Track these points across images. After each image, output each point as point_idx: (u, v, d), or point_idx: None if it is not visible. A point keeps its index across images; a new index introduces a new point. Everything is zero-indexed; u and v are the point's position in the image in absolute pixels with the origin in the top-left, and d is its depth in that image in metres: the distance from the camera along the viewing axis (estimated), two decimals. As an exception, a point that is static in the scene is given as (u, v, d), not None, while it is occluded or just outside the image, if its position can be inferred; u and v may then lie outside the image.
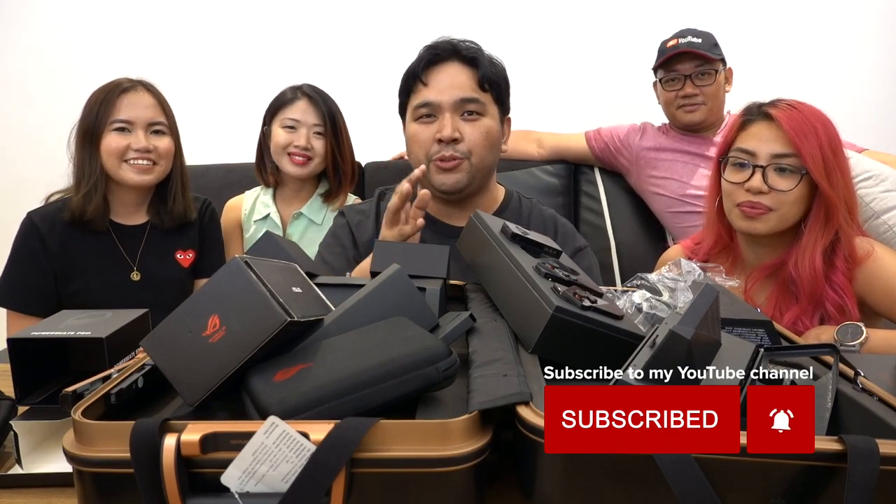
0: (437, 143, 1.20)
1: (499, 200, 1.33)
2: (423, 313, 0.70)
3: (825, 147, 1.14)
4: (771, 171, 1.16)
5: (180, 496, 0.48)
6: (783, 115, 1.15)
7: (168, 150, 1.47)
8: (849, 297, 1.13)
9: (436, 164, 1.21)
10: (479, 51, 1.22)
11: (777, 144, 1.16)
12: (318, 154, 1.73)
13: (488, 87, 1.21)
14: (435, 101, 1.20)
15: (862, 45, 2.33)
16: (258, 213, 1.80)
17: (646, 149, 2.02)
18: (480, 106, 1.21)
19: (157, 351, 0.59)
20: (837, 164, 1.15)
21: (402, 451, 0.49)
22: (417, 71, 1.23)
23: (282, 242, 0.90)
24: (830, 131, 1.16)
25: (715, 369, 0.57)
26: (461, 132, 1.20)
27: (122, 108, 1.42)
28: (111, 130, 1.41)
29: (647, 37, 2.09)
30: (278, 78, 1.84)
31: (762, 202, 1.17)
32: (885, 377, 0.76)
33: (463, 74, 1.21)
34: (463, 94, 1.19)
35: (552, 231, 1.30)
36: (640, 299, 0.87)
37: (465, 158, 1.21)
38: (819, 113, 1.18)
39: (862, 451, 0.46)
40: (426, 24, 2.35)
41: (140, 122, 1.43)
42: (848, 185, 1.17)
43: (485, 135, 1.21)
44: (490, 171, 1.28)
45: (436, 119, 1.21)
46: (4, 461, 0.72)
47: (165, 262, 1.52)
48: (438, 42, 1.23)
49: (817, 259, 1.15)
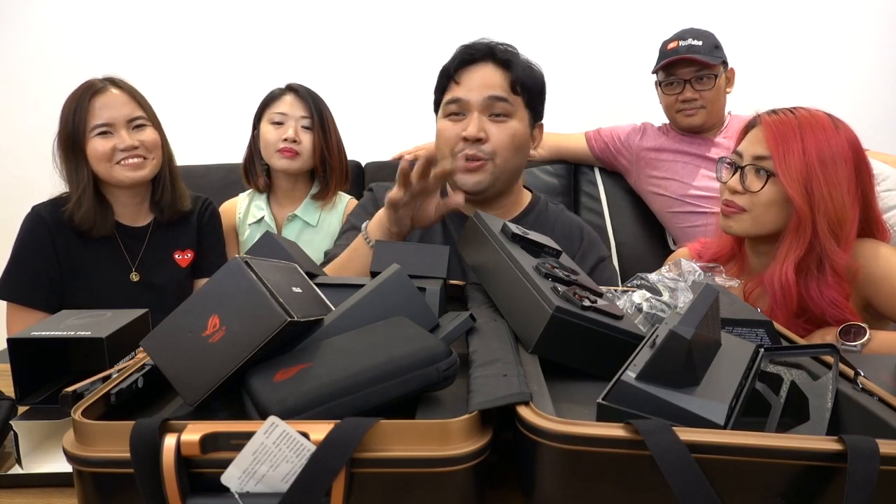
0: (462, 141, 1.20)
1: (523, 205, 1.32)
2: (423, 313, 0.70)
3: (810, 155, 1.11)
4: (749, 172, 1.17)
5: (180, 496, 0.48)
6: (773, 121, 1.15)
7: (155, 142, 1.46)
8: (847, 311, 1.10)
9: (460, 163, 1.21)
10: (515, 54, 1.22)
11: (759, 147, 1.16)
12: (306, 148, 1.73)
13: (520, 91, 1.21)
14: (464, 98, 1.20)
15: (862, 46, 2.33)
16: (252, 216, 1.80)
17: (646, 149, 2.02)
18: (509, 107, 1.20)
19: (157, 351, 0.59)
20: (824, 175, 1.10)
21: (402, 451, 0.49)
22: (451, 69, 1.23)
23: (282, 242, 0.90)
24: (826, 142, 1.12)
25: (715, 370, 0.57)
26: (487, 132, 1.19)
27: (97, 111, 1.40)
28: (94, 136, 1.40)
29: (648, 37, 2.10)
30: (278, 78, 1.85)
31: (736, 201, 1.18)
32: (886, 377, 0.76)
33: (496, 75, 1.20)
34: (492, 93, 1.19)
35: (577, 239, 1.29)
36: (640, 299, 0.87)
37: (489, 160, 1.20)
38: (823, 122, 1.14)
39: (862, 451, 0.46)
40: (426, 24, 2.36)
41: (119, 121, 1.41)
42: (836, 199, 1.11)
43: (511, 137, 1.20)
44: (514, 175, 1.27)
45: (464, 117, 1.21)
46: (4, 461, 0.72)
47: (164, 263, 1.52)
48: (475, 42, 1.23)
49: (788, 271, 1.11)
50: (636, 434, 0.47)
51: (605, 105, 2.38)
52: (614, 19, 2.37)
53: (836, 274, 1.11)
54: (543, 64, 1.28)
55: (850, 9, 2.32)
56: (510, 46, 1.24)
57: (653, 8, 2.34)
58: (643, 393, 0.52)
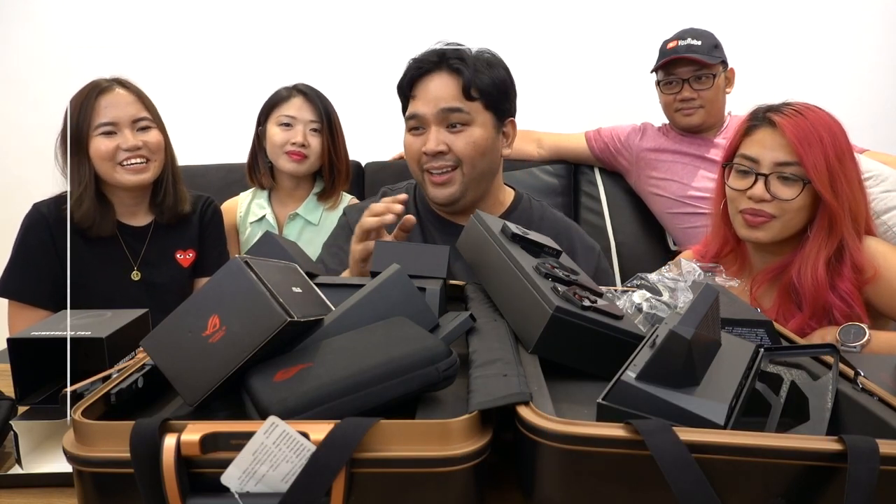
0: (425, 155, 1.20)
1: (506, 204, 1.32)
2: (423, 313, 0.70)
3: (830, 156, 1.11)
4: (774, 180, 1.15)
5: (180, 496, 0.48)
6: (788, 123, 1.13)
7: (159, 144, 1.45)
8: (857, 304, 1.11)
9: (428, 176, 1.22)
10: (465, 59, 1.18)
11: (781, 153, 1.14)
12: (314, 151, 1.72)
13: (477, 95, 1.19)
14: (420, 113, 1.19)
15: (862, 46, 2.33)
16: (254, 215, 1.80)
17: (646, 150, 2.02)
18: (465, 116, 1.18)
19: (157, 351, 0.59)
20: (843, 173, 1.13)
21: (402, 451, 0.49)
22: (404, 84, 1.23)
23: (282, 242, 0.90)
24: (837, 138, 1.14)
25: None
26: (448, 144, 1.18)
27: (103, 110, 1.40)
28: (97, 135, 1.40)
29: (648, 37, 2.10)
30: (278, 78, 1.84)
31: (765, 210, 1.16)
32: (885, 377, 0.76)
33: (448, 85, 1.18)
34: (445, 105, 1.18)
35: (565, 236, 1.29)
36: (640, 299, 0.87)
37: (456, 168, 1.20)
38: (826, 119, 1.15)
39: (862, 451, 0.46)
40: (426, 24, 2.36)
41: (124, 121, 1.41)
42: (854, 193, 1.14)
43: (472, 145, 1.19)
44: (487, 178, 1.26)
45: (425, 131, 1.20)
46: (4, 461, 0.72)
47: (165, 262, 1.52)
48: (426, 53, 1.22)
49: (820, 269, 1.12)
50: (636, 434, 0.47)
51: (605, 105, 2.38)
52: (614, 19, 2.37)
53: (855, 267, 1.13)
54: (543, 64, 1.28)
55: (850, 9, 2.32)
56: (464, 50, 1.21)
57: (653, 8, 2.34)
58: (643, 393, 0.52)
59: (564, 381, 0.68)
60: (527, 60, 2.24)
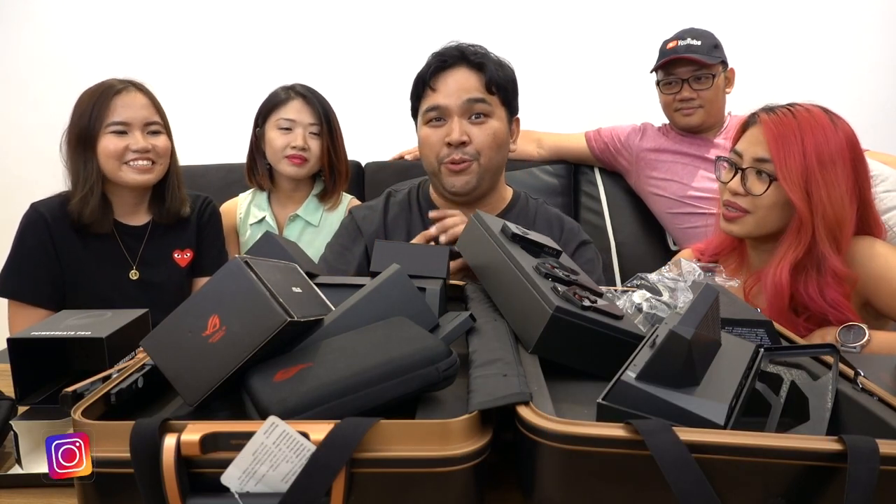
0: (446, 147, 1.24)
1: (507, 200, 1.36)
2: (423, 313, 0.70)
3: (809, 157, 1.10)
4: (750, 174, 1.16)
5: (180, 496, 0.48)
6: (771, 120, 1.14)
7: (166, 149, 1.47)
8: (849, 312, 1.10)
9: (446, 166, 1.25)
10: (486, 55, 1.25)
11: (760, 148, 1.15)
12: (314, 154, 1.72)
13: (496, 90, 1.24)
14: (443, 104, 1.23)
15: (862, 46, 2.33)
16: (253, 216, 1.79)
17: (646, 150, 2.02)
18: (488, 108, 1.24)
19: (157, 351, 0.59)
20: (823, 177, 1.10)
21: (402, 451, 0.49)
22: (426, 76, 1.26)
23: (282, 242, 0.90)
24: (828, 144, 1.11)
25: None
26: (469, 135, 1.23)
27: (117, 109, 1.42)
28: (108, 133, 1.41)
29: (648, 37, 2.10)
30: (278, 78, 1.84)
31: (738, 203, 1.18)
32: (885, 377, 0.76)
33: (471, 78, 1.24)
34: (470, 95, 1.22)
35: (557, 229, 1.32)
36: (640, 299, 0.87)
37: (474, 160, 1.24)
38: (823, 122, 1.13)
39: (862, 451, 0.46)
40: (426, 25, 2.36)
41: (136, 122, 1.43)
42: (835, 202, 1.10)
43: (492, 136, 1.24)
44: (498, 172, 1.31)
45: (445, 122, 1.25)
46: (4, 461, 0.72)
47: (163, 262, 1.52)
48: (446, 48, 1.26)
49: (784, 272, 1.11)
50: (636, 434, 0.47)
51: (605, 105, 2.38)
52: (614, 19, 2.37)
53: (836, 275, 1.11)
54: (543, 64, 1.30)
55: (850, 9, 2.32)
56: (480, 48, 1.27)
57: (653, 8, 2.34)
58: (643, 393, 0.52)
59: (564, 381, 0.67)
60: (527, 60, 2.24)
